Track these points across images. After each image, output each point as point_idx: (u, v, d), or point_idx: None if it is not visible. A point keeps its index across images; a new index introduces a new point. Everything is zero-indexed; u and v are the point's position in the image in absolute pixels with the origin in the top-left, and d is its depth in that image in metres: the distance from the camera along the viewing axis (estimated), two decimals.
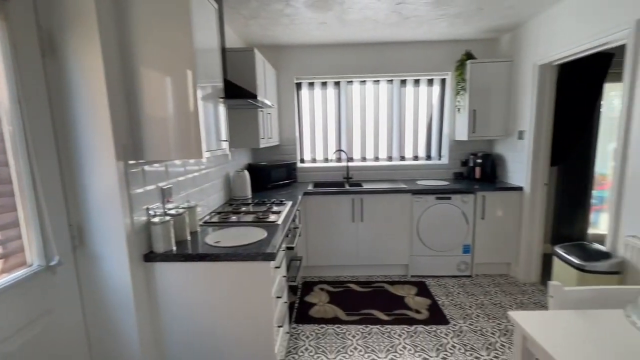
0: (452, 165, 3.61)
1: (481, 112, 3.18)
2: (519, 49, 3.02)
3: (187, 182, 1.97)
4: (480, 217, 3.04)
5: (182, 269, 1.51)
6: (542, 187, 2.89)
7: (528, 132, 2.89)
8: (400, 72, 3.47)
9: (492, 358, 2.01)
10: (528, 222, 2.94)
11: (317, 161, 3.70)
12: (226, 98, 1.81)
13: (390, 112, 3.60)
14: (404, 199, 3.04)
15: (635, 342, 0.81)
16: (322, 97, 3.59)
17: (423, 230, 3.07)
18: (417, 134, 3.64)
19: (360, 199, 3.05)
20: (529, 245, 2.97)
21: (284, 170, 3.32)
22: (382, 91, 3.57)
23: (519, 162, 3.05)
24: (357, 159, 3.69)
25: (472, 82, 3.15)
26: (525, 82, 2.91)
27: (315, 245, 3.13)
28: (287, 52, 3.46)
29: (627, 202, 1.96)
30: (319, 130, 3.64)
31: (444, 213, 3.04)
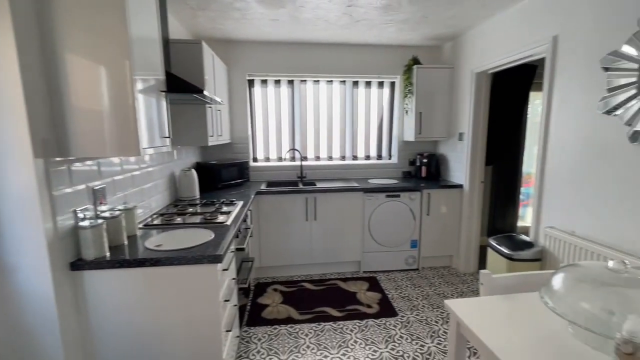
0: (401, 164, 3.79)
1: (426, 114, 3.38)
2: (459, 57, 3.26)
3: (125, 182, 1.81)
4: (426, 214, 3.23)
5: (118, 276, 1.39)
6: (479, 185, 3.16)
7: (467, 134, 3.13)
8: (352, 73, 3.56)
9: (435, 345, 2.14)
10: (467, 217, 3.19)
11: (270, 160, 3.64)
12: (168, 92, 1.69)
13: (343, 113, 3.67)
14: (356, 198, 3.12)
15: (547, 319, 0.91)
16: (276, 95, 3.54)
17: (374, 227, 3.18)
18: (369, 134, 3.76)
19: (314, 198, 3.06)
20: (468, 239, 3.23)
21: (236, 169, 3.21)
22: (335, 92, 3.63)
23: (459, 162, 3.29)
24: (311, 158, 3.70)
25: (418, 86, 3.33)
26: (464, 88, 3.16)
27: (269, 246, 3.08)
28: (238, 48, 3.36)
29: (546, 198, 2.22)
30: (273, 128, 3.59)
31: (394, 210, 3.18)
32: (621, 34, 1.67)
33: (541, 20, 2.21)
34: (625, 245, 1.70)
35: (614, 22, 1.72)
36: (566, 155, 2.05)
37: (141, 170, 2.01)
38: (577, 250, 1.92)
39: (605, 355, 0.77)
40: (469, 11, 2.56)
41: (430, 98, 3.36)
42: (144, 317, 1.43)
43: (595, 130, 1.84)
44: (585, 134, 1.91)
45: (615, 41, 1.70)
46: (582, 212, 1.94)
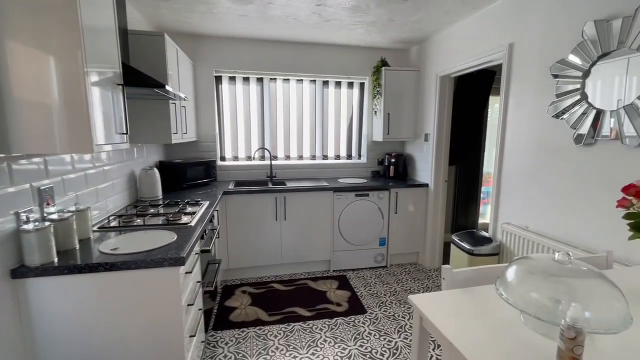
0: (370, 164, 3.86)
1: (394, 115, 3.47)
2: (424, 61, 3.38)
3: (77, 181, 1.68)
4: (394, 212, 3.32)
5: (68, 283, 1.28)
6: (443, 184, 3.29)
7: (432, 135, 3.25)
8: (323, 73, 3.56)
9: (402, 339, 2.20)
10: (432, 215, 3.32)
11: (239, 159, 3.56)
12: (126, 85, 1.59)
13: (313, 112, 3.67)
14: (325, 197, 3.13)
15: (502, 309, 0.97)
16: (244, 92, 3.47)
17: (344, 226, 3.21)
18: (339, 134, 3.79)
19: (284, 198, 3.03)
20: (433, 236, 3.35)
21: (202, 168, 3.10)
22: (305, 91, 3.62)
23: (425, 162, 3.41)
24: (281, 158, 3.66)
25: (387, 88, 3.41)
26: (430, 91, 3.28)
27: (237, 247, 3.00)
28: (205, 43, 3.25)
29: (503, 196, 2.35)
30: (241, 127, 3.51)
31: (363, 209, 3.22)
32: (568, 43, 1.81)
33: (499, 28, 2.35)
34: (571, 238, 1.84)
35: (561, 32, 1.87)
36: (521, 156, 2.19)
37: (96, 169, 1.88)
38: (530, 244, 2.05)
39: (552, 340, 0.83)
40: (433, 17, 2.65)
41: (398, 99, 3.45)
42: (99, 325, 1.33)
43: (546, 132, 1.98)
44: (537, 136, 2.05)
45: (563, 50, 1.84)
46: (534, 209, 2.09)
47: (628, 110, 1.53)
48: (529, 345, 0.82)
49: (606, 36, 1.61)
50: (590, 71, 1.70)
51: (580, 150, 1.78)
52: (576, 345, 0.69)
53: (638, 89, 1.49)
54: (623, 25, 1.53)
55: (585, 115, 1.73)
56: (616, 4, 1.58)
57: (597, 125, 1.67)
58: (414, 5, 2.41)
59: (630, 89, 1.53)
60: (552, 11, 1.93)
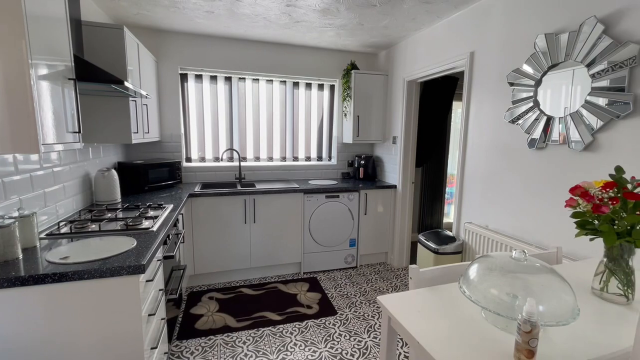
0: (341, 165, 3.90)
1: (364, 118, 3.53)
2: (392, 65, 3.47)
3: (21, 184, 1.53)
4: (364, 213, 3.37)
5: (8, 298, 1.15)
6: (410, 185, 3.40)
7: (399, 138, 3.34)
8: (293, 74, 3.55)
9: (372, 339, 2.23)
10: (400, 215, 3.41)
11: (206, 160, 3.44)
12: (79, 80, 1.48)
13: (283, 113, 3.63)
14: (296, 199, 3.11)
15: (465, 306, 1.00)
16: (212, 92, 3.36)
17: (314, 227, 3.20)
18: (310, 135, 3.79)
19: (253, 200, 2.97)
20: (401, 236, 3.44)
21: (166, 170, 2.96)
22: (275, 91, 3.57)
23: (393, 164, 3.50)
24: (250, 159, 3.59)
25: (356, 91, 3.46)
26: (397, 95, 3.37)
27: (204, 252, 2.89)
28: (170, 39, 3.11)
29: (465, 196, 2.47)
30: (208, 127, 3.40)
31: (333, 211, 3.24)
32: (522, 54, 1.94)
33: (461, 37, 2.46)
34: (526, 235, 1.97)
35: (517, 43, 1.99)
36: (481, 159, 2.31)
37: (44, 170, 1.72)
38: (490, 242, 2.17)
39: (511, 334, 0.87)
40: (400, 23, 2.73)
41: (368, 102, 3.52)
42: (48, 343, 1.21)
43: (503, 136, 2.11)
44: (496, 140, 2.17)
45: (518, 60, 1.97)
46: (493, 208, 2.21)
47: (574, 117, 1.66)
48: (490, 340, 0.86)
49: (555, 48, 1.74)
50: (542, 80, 1.83)
51: (534, 153, 1.91)
52: (532, 338, 0.73)
53: (582, 97, 1.62)
54: (569, 39, 1.67)
55: (537, 121, 1.86)
56: (563, 20, 1.72)
57: (548, 131, 1.81)
58: (382, 10, 2.46)
59: (575, 97, 1.66)
60: (508, 23, 2.06)
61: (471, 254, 2.32)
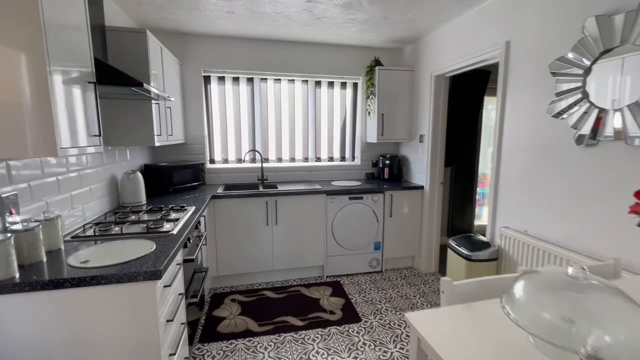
0: (364, 166, 3.77)
1: (389, 116, 3.38)
2: (418, 60, 3.30)
3: (47, 187, 1.56)
4: (389, 215, 3.23)
5: (27, 302, 1.16)
6: (439, 186, 3.21)
7: (427, 136, 3.17)
8: (315, 73, 3.47)
9: (398, 350, 2.11)
10: (428, 217, 3.23)
11: (229, 162, 3.44)
12: (100, 84, 1.48)
13: (305, 113, 3.57)
14: (318, 200, 3.03)
15: (508, 328, 0.87)
16: (234, 93, 3.36)
17: (337, 230, 3.11)
18: (332, 135, 3.69)
19: (275, 201, 2.92)
20: (429, 239, 3.27)
21: (190, 171, 2.98)
22: (297, 91, 3.52)
23: (420, 163, 3.33)
24: (272, 160, 3.56)
25: (381, 88, 3.32)
26: (424, 91, 3.20)
27: (226, 254, 2.89)
28: (192, 41, 3.13)
29: (501, 199, 2.27)
30: (231, 128, 3.40)
31: (357, 213, 3.13)
32: (567, 40, 1.74)
33: (495, 25, 2.27)
34: (573, 243, 1.76)
35: (560, 29, 1.79)
36: (519, 157, 2.11)
37: (71, 174, 1.76)
38: (530, 250, 1.97)
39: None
40: (428, 14, 2.58)
41: (392, 100, 3.37)
42: (67, 344, 1.21)
43: (545, 133, 1.91)
44: (536, 137, 1.97)
45: (563, 47, 1.77)
46: (533, 212, 2.01)
47: (632, 109, 1.45)
48: None
49: (608, 32, 1.53)
50: (592, 69, 1.63)
51: (582, 151, 1.70)
52: None
53: None
54: (626, 21, 1.46)
55: (586, 114, 1.65)
56: None
57: (599, 125, 1.60)
58: (408, 2, 2.32)
59: (634, 86, 1.45)
60: (550, 7, 1.86)
61: (508, 262, 2.13)
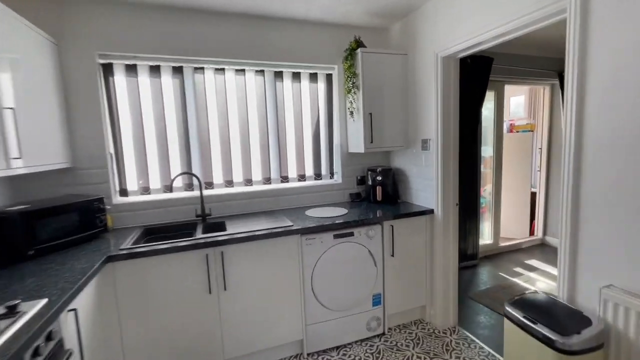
0: (347, 184, 2.82)
1: (378, 116, 2.48)
2: (414, 40, 2.44)
3: None
4: (390, 254, 2.29)
5: None
6: (454, 208, 2.34)
7: (434, 141, 2.30)
8: (273, 60, 2.48)
9: None
10: (441, 252, 2.34)
11: (151, 192, 2.31)
12: None
13: (262, 116, 2.55)
14: (289, 244, 2.01)
15: None
16: (154, 90, 2.26)
17: (320, 286, 2.10)
18: (302, 145, 2.71)
19: (221, 254, 1.85)
20: (444, 281, 2.37)
21: (74, 215, 1.82)
22: (250, 85, 2.50)
23: (424, 178, 2.45)
24: (218, 185, 2.48)
25: (366, 78, 2.41)
26: (426, 79, 2.34)
27: (140, 349, 1.75)
28: (78, 9, 2.01)
29: (586, 235, 1.42)
30: (153, 142, 2.28)
31: (347, 256, 2.15)
32: None
33: None
34: None
35: None
36: (619, 164, 1.27)
37: None
38: None
39: None
40: None
41: (382, 94, 2.47)
42: None
43: None
44: None
45: None
46: None
47: None
48: None
49: None
50: None
51: None
52: None
53: None
54: None
55: None
56: None
57: None
58: None
59: None
60: None
61: (627, 351, 1.25)
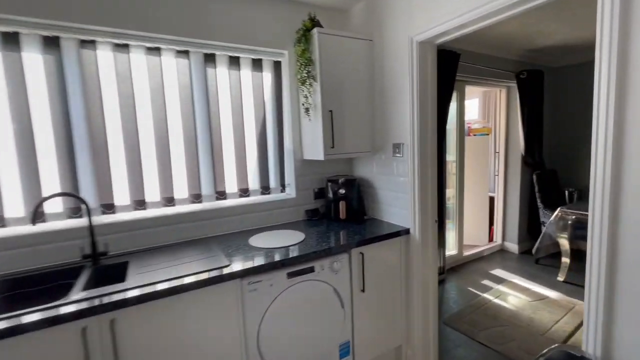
0: (303, 198, 2.28)
1: (340, 115, 1.99)
2: (382, 23, 2.01)
3: None
4: (360, 289, 1.80)
5: None
6: (433, 226, 1.94)
7: (408, 146, 1.88)
8: (203, 38, 1.86)
9: None
10: (419, 279, 1.92)
11: (7, 223, 1.53)
12: None
13: (189, 113, 1.90)
14: (225, 294, 1.40)
15: None
16: (11, 69, 1.49)
17: (270, 346, 1.52)
18: (244, 152, 2.11)
19: (110, 324, 1.18)
20: (424, 314, 1.96)
21: None
22: (169, 71, 1.84)
23: (397, 191, 2.02)
24: (123, 207, 1.77)
25: (324, 66, 1.91)
26: (397, 71, 1.91)
27: None
28: None
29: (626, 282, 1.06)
30: (10, 146, 1.51)
31: (306, 300, 1.61)
32: None
33: None
34: None
35: None
36: None
37: None
38: None
39: None
40: None
41: (343, 87, 1.99)
42: None
43: None
44: None
45: None
46: None
47: None
48: None
49: None
50: None
51: None
52: None
53: None
54: None
55: None
56: None
57: None
58: None
59: None
60: None
61: None
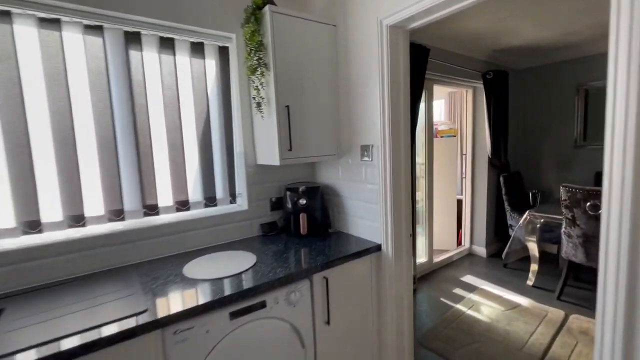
0: (257, 210, 1.93)
1: (298, 111, 1.68)
2: (345, 4, 1.73)
3: None
4: (324, 322, 1.49)
5: None
6: (407, 240, 1.69)
7: (379, 148, 1.61)
8: (117, 10, 1.45)
9: None
10: (393, 303, 1.66)
11: None
12: None
13: (104, 107, 1.49)
14: (140, 351, 1.03)
15: None
16: None
17: None
18: (182, 156, 1.72)
19: None
20: (398, 342, 1.70)
21: None
22: (74, 52, 1.41)
23: (366, 200, 1.74)
24: (8, 231, 1.31)
25: (279, 52, 1.59)
26: (365, 60, 1.64)
27: None
28: None
29: None
30: None
31: (256, 344, 1.27)
32: None
33: None
34: None
35: None
36: None
37: None
38: None
39: None
40: None
41: (302, 79, 1.68)
42: None
43: None
44: None
45: None
46: None
47: None
48: None
49: None
50: None
51: None
52: None
53: None
54: None
55: None
56: None
57: None
58: None
59: None
60: None
61: None
